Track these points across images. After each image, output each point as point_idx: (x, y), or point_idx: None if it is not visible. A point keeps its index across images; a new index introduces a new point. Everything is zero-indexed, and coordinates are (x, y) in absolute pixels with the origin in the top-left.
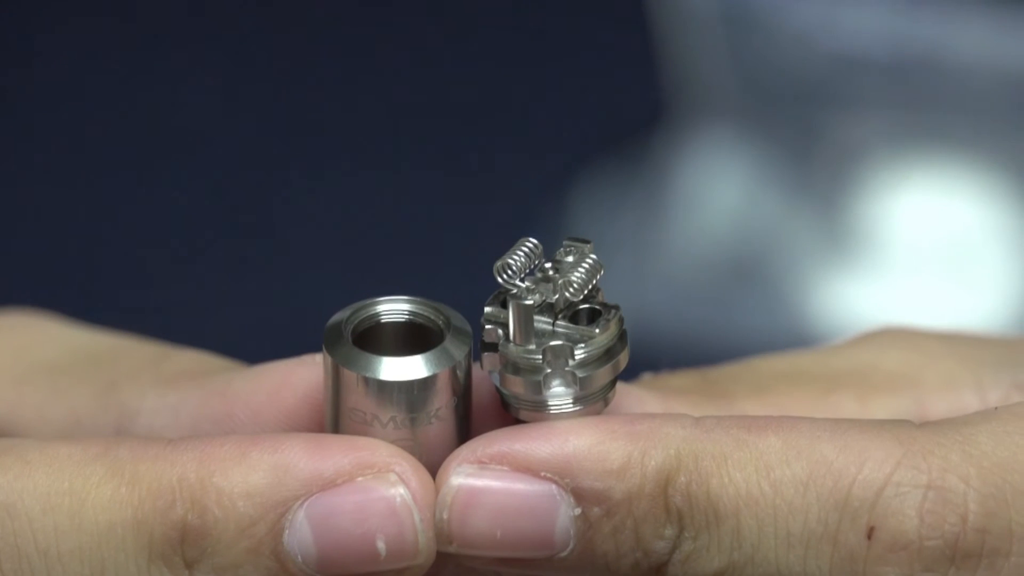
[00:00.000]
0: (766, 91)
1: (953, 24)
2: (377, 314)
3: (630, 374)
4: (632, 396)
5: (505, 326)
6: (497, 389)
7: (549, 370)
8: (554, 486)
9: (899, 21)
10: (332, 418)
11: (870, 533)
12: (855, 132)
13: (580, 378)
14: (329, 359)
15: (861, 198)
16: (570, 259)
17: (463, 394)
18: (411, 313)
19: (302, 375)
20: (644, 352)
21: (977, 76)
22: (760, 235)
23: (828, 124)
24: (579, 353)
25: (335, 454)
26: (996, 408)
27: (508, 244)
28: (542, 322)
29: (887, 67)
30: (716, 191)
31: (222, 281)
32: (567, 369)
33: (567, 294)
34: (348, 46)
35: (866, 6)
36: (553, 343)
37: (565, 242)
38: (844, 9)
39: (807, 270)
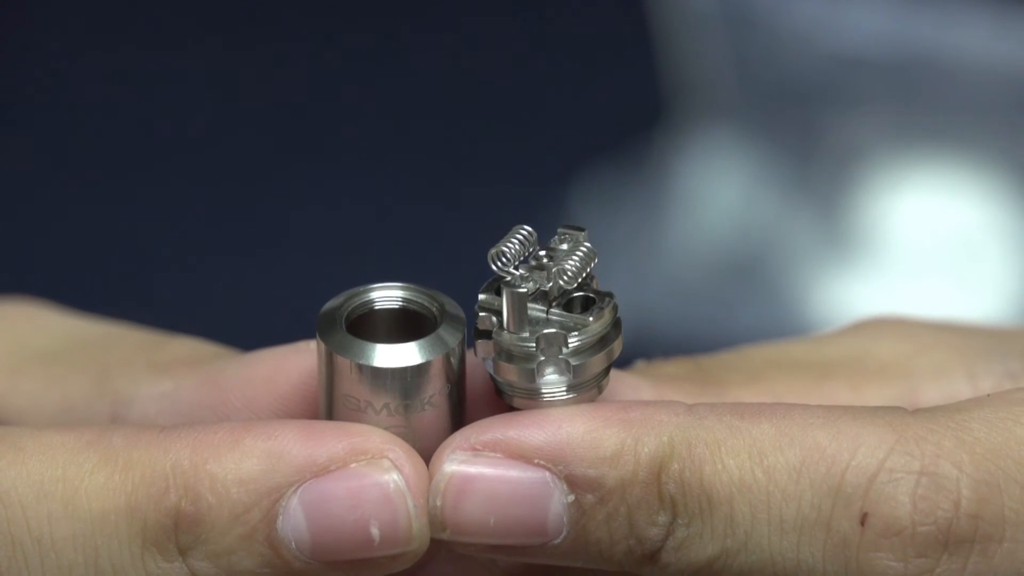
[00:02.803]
0: (766, 91)
1: (953, 24)
2: (371, 301)
3: (624, 365)
4: (626, 383)
5: (499, 314)
6: (491, 376)
7: (543, 358)
8: (547, 473)
9: (899, 21)
10: (326, 405)
11: (863, 519)
12: (855, 132)
13: (574, 366)
14: (323, 346)
15: (861, 198)
16: (564, 247)
17: (457, 381)
18: (405, 300)
19: (296, 362)
20: (643, 352)
21: (977, 76)
22: (760, 235)
23: (828, 124)
24: (573, 341)
25: (328, 440)
26: (988, 395)
27: None
28: (536, 310)
29: (887, 67)
30: (716, 191)
31: (216, 268)
32: (561, 357)
33: (561, 282)
34: (347, 44)
35: (866, 6)
36: (547, 331)
37: (560, 230)
38: (844, 9)
39: (807, 270)
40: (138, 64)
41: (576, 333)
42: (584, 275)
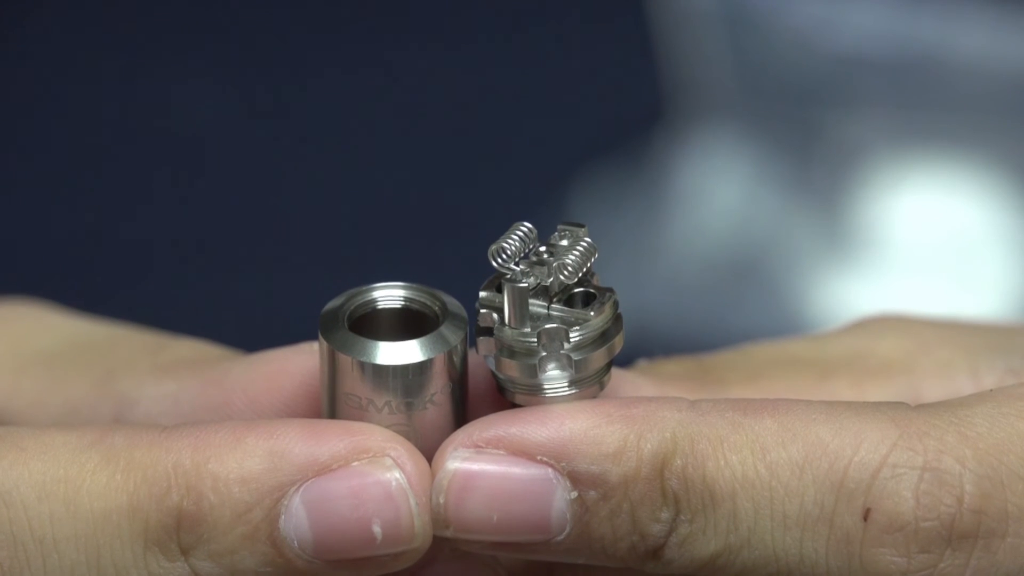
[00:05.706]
0: (766, 91)
1: (953, 24)
2: (373, 300)
3: (625, 365)
4: (627, 381)
5: (500, 310)
6: (493, 373)
7: (544, 353)
8: (550, 470)
9: (899, 21)
10: (328, 404)
11: (866, 515)
12: (855, 132)
13: (575, 361)
14: (325, 344)
15: (861, 198)
16: (564, 243)
17: (459, 379)
18: (407, 299)
19: (299, 363)
20: (644, 352)
21: (977, 76)
22: (760, 235)
23: (828, 124)
24: (574, 336)
25: (330, 439)
26: (991, 390)
27: None
28: (537, 305)
29: (887, 67)
30: (716, 191)
31: (219, 269)
32: (562, 352)
33: (562, 277)
34: (348, 43)
35: (866, 6)
36: (548, 326)
37: (560, 226)
38: (844, 9)
39: (807, 270)
40: (141, 64)
41: (577, 328)
42: (585, 270)
